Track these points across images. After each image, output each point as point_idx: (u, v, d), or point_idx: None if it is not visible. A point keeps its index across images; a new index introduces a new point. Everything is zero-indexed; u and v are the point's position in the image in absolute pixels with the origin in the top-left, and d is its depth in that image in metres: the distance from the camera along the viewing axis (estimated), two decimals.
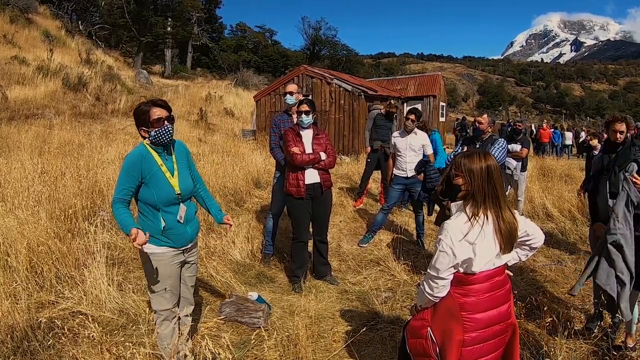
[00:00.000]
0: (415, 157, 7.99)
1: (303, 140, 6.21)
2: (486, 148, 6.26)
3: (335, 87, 20.14)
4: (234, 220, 8.17)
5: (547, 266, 7.63)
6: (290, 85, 7.19)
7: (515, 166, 10.30)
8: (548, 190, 12.15)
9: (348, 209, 10.61)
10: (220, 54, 59.74)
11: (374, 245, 8.32)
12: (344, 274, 7.03)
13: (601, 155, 5.53)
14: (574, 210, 10.56)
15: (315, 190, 6.27)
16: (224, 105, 28.66)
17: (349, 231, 9.22)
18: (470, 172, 3.01)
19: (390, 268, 7.05)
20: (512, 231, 3.03)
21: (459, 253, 2.90)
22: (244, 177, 11.49)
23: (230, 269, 6.53)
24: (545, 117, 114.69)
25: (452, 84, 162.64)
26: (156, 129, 3.83)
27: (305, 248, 6.49)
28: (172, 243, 3.97)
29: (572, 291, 4.64)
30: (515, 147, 10.28)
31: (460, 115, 72.61)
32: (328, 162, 6.29)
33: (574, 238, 9.29)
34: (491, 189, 3.00)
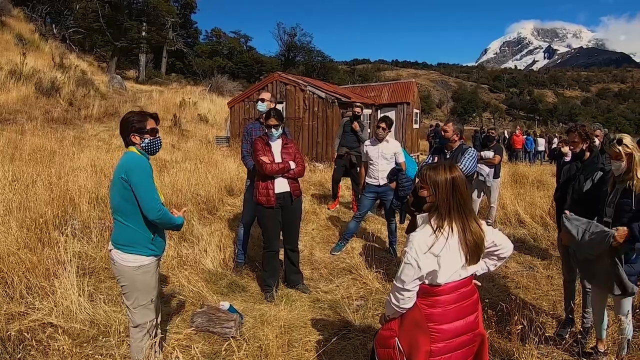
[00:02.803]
0: (387, 166, 8.00)
1: (272, 149, 6.23)
2: (457, 158, 6.31)
3: (309, 94, 20.17)
4: (207, 229, 8.16)
5: (519, 272, 7.71)
6: (264, 93, 7.23)
7: (488, 173, 10.40)
8: (520, 196, 12.28)
9: (321, 216, 10.60)
10: (195, 60, 59.52)
11: (346, 253, 8.32)
12: (316, 282, 7.03)
13: (570, 165, 5.61)
14: (546, 216, 10.65)
15: (285, 199, 6.30)
16: (198, 112, 28.54)
17: (321, 239, 9.21)
18: (435, 184, 3.04)
19: (362, 276, 7.05)
20: (478, 243, 3.06)
21: (423, 265, 2.92)
22: (217, 184, 11.43)
23: (202, 278, 6.48)
24: (519, 123, 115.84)
25: (426, 90, 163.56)
26: (151, 137, 3.92)
27: (276, 257, 6.50)
28: (158, 251, 4.01)
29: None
30: (488, 154, 10.39)
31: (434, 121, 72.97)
32: (297, 171, 6.31)
33: (545, 244, 9.39)
34: (456, 201, 3.03)
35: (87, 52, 40.95)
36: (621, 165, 4.43)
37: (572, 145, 5.55)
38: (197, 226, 8.24)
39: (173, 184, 10.31)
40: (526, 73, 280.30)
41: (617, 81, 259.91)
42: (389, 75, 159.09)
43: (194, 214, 9.03)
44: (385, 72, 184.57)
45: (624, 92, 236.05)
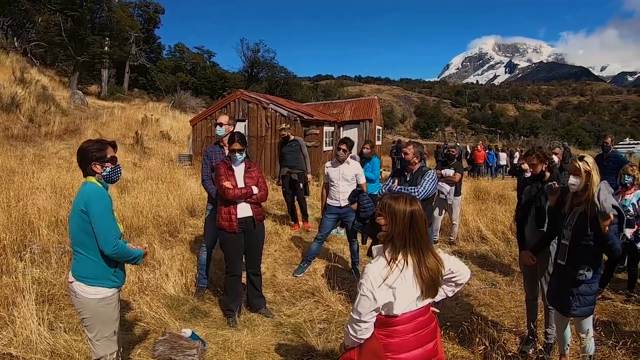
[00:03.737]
0: (348, 187, 7.98)
1: (235, 174, 6.23)
2: (416, 180, 6.35)
3: (271, 112, 20.16)
4: (168, 252, 8.07)
5: (481, 290, 7.80)
6: (222, 117, 7.20)
7: (449, 191, 10.52)
8: (482, 212, 12.38)
9: (283, 237, 10.53)
10: (158, 75, 59.13)
11: (308, 274, 8.30)
12: (279, 306, 7.00)
13: (530, 185, 5.70)
14: (508, 231, 10.80)
15: (248, 224, 6.29)
16: (161, 129, 28.19)
17: (284, 260, 9.16)
18: (393, 215, 3.03)
19: (325, 298, 7.05)
20: (434, 278, 3.06)
21: (379, 297, 2.92)
22: (179, 205, 11.27)
23: (163, 304, 6.42)
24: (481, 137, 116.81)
25: (389, 105, 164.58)
26: (112, 166, 3.90)
27: (239, 281, 6.47)
28: (120, 282, 3.99)
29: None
30: (449, 172, 10.52)
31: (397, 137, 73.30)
32: (260, 195, 6.32)
33: (507, 260, 9.51)
34: (413, 234, 3.02)
35: (49, 67, 40.38)
36: (579, 182, 4.56)
37: (531, 167, 5.70)
38: (159, 250, 8.13)
39: (134, 206, 10.16)
40: (488, 87, 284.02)
41: (577, 94, 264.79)
42: (352, 91, 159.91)
43: (155, 237, 8.91)
44: (348, 88, 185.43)
45: (584, 104, 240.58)
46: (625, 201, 7.19)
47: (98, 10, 40.35)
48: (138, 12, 60.96)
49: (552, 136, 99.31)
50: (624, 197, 7.25)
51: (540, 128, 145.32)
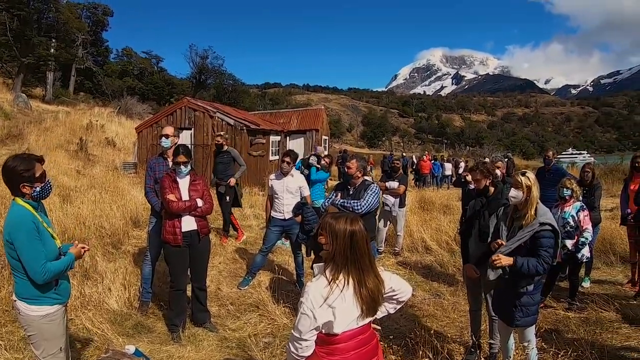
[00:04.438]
0: (292, 199, 8.00)
1: (180, 186, 6.18)
2: (359, 194, 6.38)
3: (217, 121, 20.15)
4: (111, 265, 7.94)
5: (426, 300, 7.87)
6: (167, 128, 7.11)
7: (393, 203, 10.58)
8: (427, 223, 12.48)
9: (228, 249, 10.45)
10: (105, 79, 57.99)
11: (253, 287, 8.25)
12: (223, 320, 6.95)
13: (475, 200, 5.83)
14: (452, 242, 10.93)
15: (193, 237, 6.24)
16: (106, 135, 27.64)
17: (228, 273, 9.12)
18: (334, 235, 3.02)
19: (269, 312, 7.02)
20: (375, 298, 3.06)
21: (319, 316, 2.93)
22: (122, 215, 11.04)
23: (106, 319, 6.29)
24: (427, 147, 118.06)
25: (336, 114, 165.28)
26: (42, 184, 3.78)
27: (183, 296, 6.42)
28: (63, 299, 3.92)
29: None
30: (393, 184, 10.58)
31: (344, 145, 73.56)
32: (205, 209, 6.27)
33: (452, 270, 9.63)
34: (354, 254, 3.02)
35: None
36: (520, 196, 4.69)
37: (475, 182, 5.84)
38: (101, 262, 8.01)
39: (77, 216, 10.00)
40: (434, 98, 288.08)
41: (522, 106, 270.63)
42: (299, 100, 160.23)
43: (98, 249, 8.73)
44: (296, 96, 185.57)
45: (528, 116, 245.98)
46: (565, 213, 7.40)
47: (45, 11, 39.54)
48: (86, 14, 59.66)
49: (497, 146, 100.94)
50: (564, 210, 7.46)
51: (485, 138, 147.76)
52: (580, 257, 7.41)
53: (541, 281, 4.89)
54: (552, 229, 4.60)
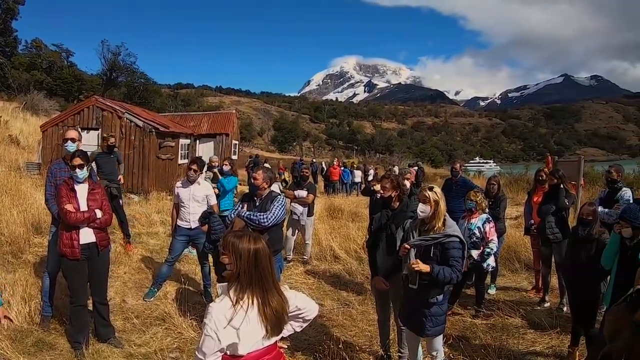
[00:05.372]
0: (198, 208, 7.84)
1: (77, 195, 5.86)
2: (266, 205, 6.28)
3: (126, 122, 19.68)
4: (11, 276, 7.51)
5: (335, 310, 7.84)
6: (71, 132, 6.83)
7: (302, 211, 10.57)
8: (336, 231, 12.51)
9: (133, 258, 10.09)
10: (11, 72, 55.87)
11: (159, 299, 7.98)
12: (128, 334, 6.66)
13: (381, 213, 5.84)
14: (360, 250, 10.91)
15: (91, 250, 5.93)
16: (10, 132, 26.49)
17: (134, 284, 8.77)
18: (238, 254, 2.96)
19: (176, 325, 6.79)
20: (279, 317, 3.02)
21: (223, 338, 2.84)
22: (24, 221, 10.44)
23: (6, 336, 5.89)
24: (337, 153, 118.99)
25: (248, 118, 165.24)
26: None
27: (84, 311, 6.11)
28: None
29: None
30: (302, 193, 10.58)
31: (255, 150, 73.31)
32: (104, 220, 5.98)
33: (360, 278, 9.64)
34: (258, 273, 2.97)
35: None
36: (428, 210, 4.79)
37: (383, 190, 5.86)
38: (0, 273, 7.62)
39: None
40: (346, 105, 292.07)
41: (432, 115, 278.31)
42: (212, 102, 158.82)
43: None
44: (208, 98, 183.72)
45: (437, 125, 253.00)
46: (471, 225, 7.56)
47: None
48: None
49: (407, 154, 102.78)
50: (470, 221, 7.62)
51: (395, 146, 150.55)
52: (485, 267, 7.61)
53: (449, 291, 4.99)
54: (459, 240, 4.72)
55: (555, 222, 8.02)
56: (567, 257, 6.65)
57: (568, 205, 8.24)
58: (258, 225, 6.07)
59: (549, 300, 8.37)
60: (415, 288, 4.82)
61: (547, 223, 8.04)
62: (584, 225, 6.18)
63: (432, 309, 4.75)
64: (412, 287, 4.86)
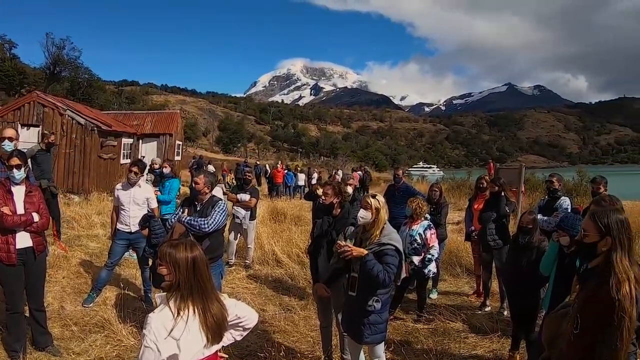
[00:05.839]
0: (139, 211, 7.65)
1: (14, 197, 5.64)
2: (206, 211, 6.21)
3: (67, 119, 19.27)
4: None
5: (277, 315, 7.77)
6: (8, 130, 6.65)
7: (244, 215, 10.52)
8: (278, 234, 12.42)
9: (72, 261, 9.78)
10: None
11: (98, 305, 7.75)
12: (67, 342, 6.44)
13: (322, 219, 5.87)
14: (302, 254, 10.79)
15: (28, 254, 5.73)
16: None
17: (72, 289, 8.51)
18: (176, 264, 2.90)
19: (116, 332, 6.58)
20: (220, 324, 2.98)
21: (163, 349, 2.79)
22: None
23: None
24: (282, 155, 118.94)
25: (193, 118, 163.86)
26: None
27: (21, 318, 5.90)
28: None
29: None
30: (244, 196, 10.55)
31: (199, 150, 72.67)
32: (41, 223, 5.78)
33: (302, 283, 9.58)
34: (197, 281, 2.92)
35: None
36: (369, 216, 4.79)
37: (325, 196, 5.89)
38: None
39: None
40: (292, 107, 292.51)
41: (377, 120, 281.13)
42: (157, 100, 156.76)
43: None
44: (153, 97, 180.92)
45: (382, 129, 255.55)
46: (413, 231, 7.66)
47: None
48: None
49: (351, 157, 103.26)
50: (412, 228, 7.71)
51: (340, 149, 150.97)
52: (427, 273, 7.66)
53: (388, 300, 5.00)
54: (395, 248, 4.71)
55: (495, 229, 8.18)
56: (508, 264, 6.76)
57: (508, 212, 8.46)
58: (199, 231, 6.03)
59: (490, 304, 8.53)
60: (354, 295, 4.83)
61: (488, 230, 8.21)
62: (524, 233, 6.29)
63: (371, 317, 4.74)
64: (351, 294, 4.87)
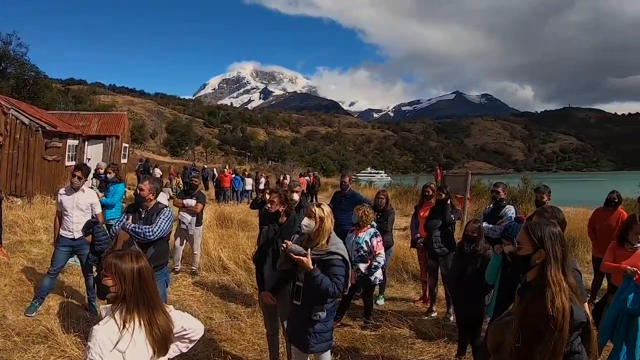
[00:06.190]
0: (82, 217, 7.49)
1: None
2: (151, 218, 6.16)
3: (11, 119, 18.69)
4: None
5: (224, 323, 7.70)
6: None
7: (190, 221, 10.44)
8: (225, 240, 12.33)
9: (14, 268, 9.52)
10: None
11: (41, 314, 7.55)
12: (9, 354, 6.26)
13: (268, 227, 5.92)
14: (249, 260, 10.71)
15: None
16: None
17: (14, 297, 8.29)
18: (121, 274, 2.86)
19: (59, 343, 6.42)
20: (166, 336, 2.96)
21: None
22: None
23: None
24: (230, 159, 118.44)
25: (141, 119, 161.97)
26: None
27: None
28: None
29: None
30: (190, 202, 10.49)
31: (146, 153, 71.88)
32: None
33: (249, 289, 9.54)
34: (143, 292, 2.89)
35: None
36: (312, 225, 4.78)
37: (270, 204, 5.99)
38: None
39: None
40: (241, 111, 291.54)
41: (326, 125, 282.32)
42: (104, 101, 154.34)
43: None
44: (100, 97, 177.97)
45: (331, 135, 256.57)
46: (359, 239, 7.69)
47: None
48: None
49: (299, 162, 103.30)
50: (358, 235, 7.74)
51: (288, 154, 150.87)
52: (373, 280, 7.72)
53: (333, 308, 5.00)
54: (342, 258, 4.72)
55: (441, 237, 8.31)
56: (453, 272, 6.86)
57: (454, 220, 8.60)
58: (143, 239, 5.98)
59: (436, 310, 8.62)
60: (299, 304, 4.82)
61: (434, 237, 8.33)
62: (469, 241, 6.41)
63: (316, 326, 4.74)
64: (296, 303, 4.86)
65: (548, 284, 3.12)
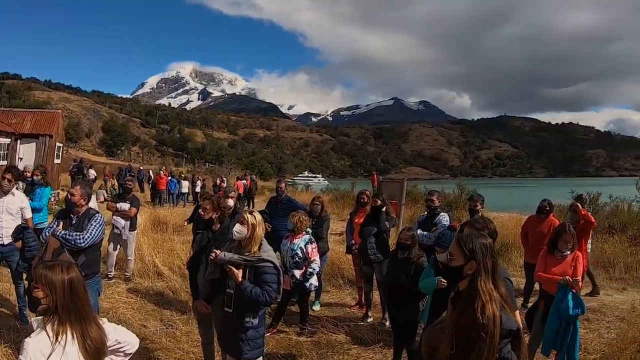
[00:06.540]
0: (12, 222, 7.23)
1: None
2: (82, 224, 5.98)
3: None
4: None
5: (158, 332, 7.53)
6: None
7: (123, 225, 10.29)
8: (160, 245, 12.12)
9: None
10: None
11: None
12: None
13: (202, 234, 5.93)
14: (184, 266, 10.59)
15: None
16: None
17: None
18: (52, 286, 2.79)
19: None
20: (99, 349, 2.90)
21: None
22: None
23: None
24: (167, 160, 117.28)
25: (76, 117, 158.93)
26: None
27: None
28: None
29: None
30: (124, 206, 10.35)
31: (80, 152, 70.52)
32: None
33: (184, 296, 9.31)
34: (75, 304, 2.82)
35: None
36: (244, 232, 4.79)
37: (204, 211, 5.98)
38: None
39: None
40: (179, 111, 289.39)
41: (264, 128, 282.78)
42: (39, 97, 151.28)
43: None
44: (35, 93, 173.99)
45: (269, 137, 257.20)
46: (294, 245, 7.68)
47: None
48: None
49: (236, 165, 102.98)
50: (293, 242, 7.74)
51: (225, 156, 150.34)
52: (308, 286, 7.71)
53: (264, 314, 5.05)
54: (273, 265, 4.76)
55: (376, 243, 8.35)
56: (387, 279, 6.91)
57: (389, 227, 8.66)
58: (74, 246, 5.80)
59: (372, 315, 8.65)
60: (230, 312, 4.82)
61: (369, 244, 8.36)
62: (403, 249, 6.47)
63: (249, 332, 4.76)
64: (227, 310, 4.85)
65: (478, 294, 3.19)
